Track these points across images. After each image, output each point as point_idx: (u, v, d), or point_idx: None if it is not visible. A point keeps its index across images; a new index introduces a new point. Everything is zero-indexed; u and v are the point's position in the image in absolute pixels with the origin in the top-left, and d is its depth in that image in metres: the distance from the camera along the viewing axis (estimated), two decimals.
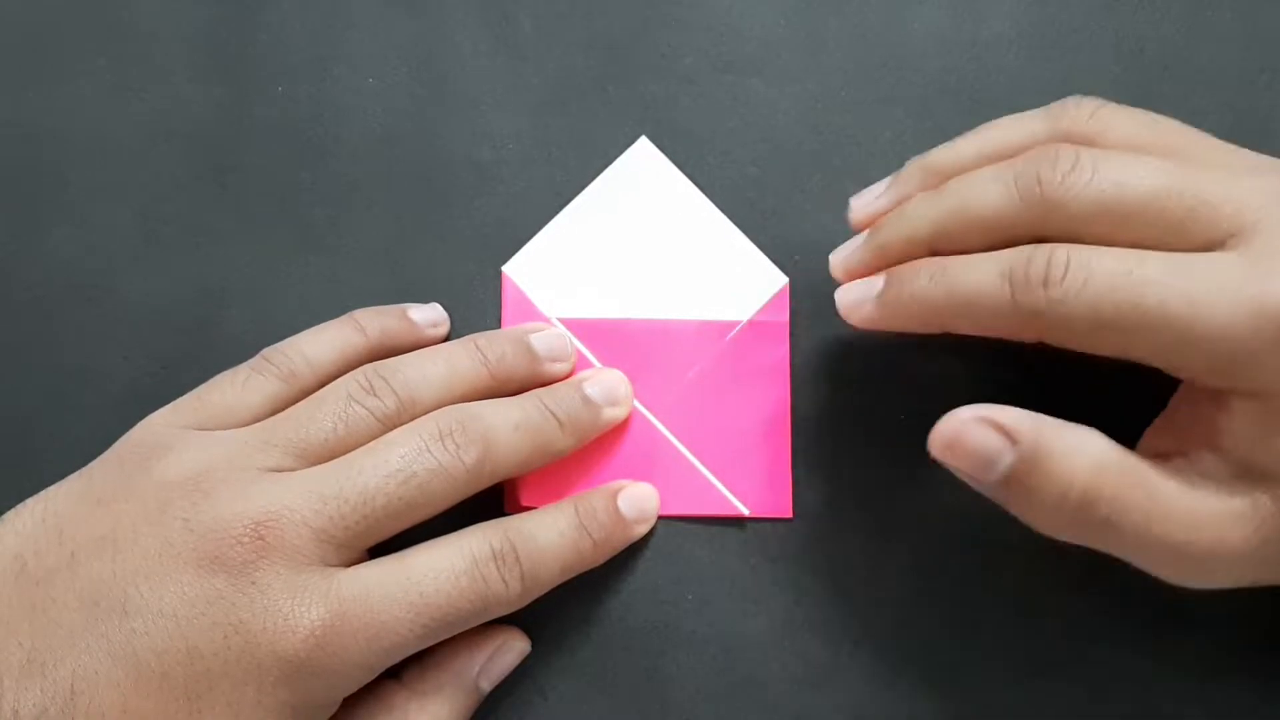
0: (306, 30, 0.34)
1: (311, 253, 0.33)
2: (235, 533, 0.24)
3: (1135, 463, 0.24)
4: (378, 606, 0.25)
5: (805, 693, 0.30)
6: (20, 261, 0.33)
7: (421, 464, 0.26)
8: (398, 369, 0.28)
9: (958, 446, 0.24)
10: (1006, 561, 0.29)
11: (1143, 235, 0.24)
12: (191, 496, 0.25)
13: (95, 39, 0.34)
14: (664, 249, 0.33)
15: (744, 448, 0.31)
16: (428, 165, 0.33)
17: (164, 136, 0.33)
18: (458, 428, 0.27)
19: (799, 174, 0.33)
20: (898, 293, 0.27)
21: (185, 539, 0.24)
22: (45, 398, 0.32)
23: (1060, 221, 0.25)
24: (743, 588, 0.31)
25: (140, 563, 0.24)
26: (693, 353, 0.32)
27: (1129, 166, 0.24)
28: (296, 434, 0.27)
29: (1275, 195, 0.24)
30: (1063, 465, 0.23)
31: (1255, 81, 0.34)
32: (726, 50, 0.34)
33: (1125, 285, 0.23)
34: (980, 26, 0.34)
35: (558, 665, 0.30)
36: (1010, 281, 0.24)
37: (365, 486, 0.26)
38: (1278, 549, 0.23)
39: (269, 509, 0.25)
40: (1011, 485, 0.24)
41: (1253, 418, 0.24)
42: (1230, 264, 0.23)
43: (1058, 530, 0.25)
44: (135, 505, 0.25)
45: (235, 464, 0.26)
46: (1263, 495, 0.23)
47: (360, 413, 0.27)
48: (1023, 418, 0.24)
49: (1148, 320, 0.23)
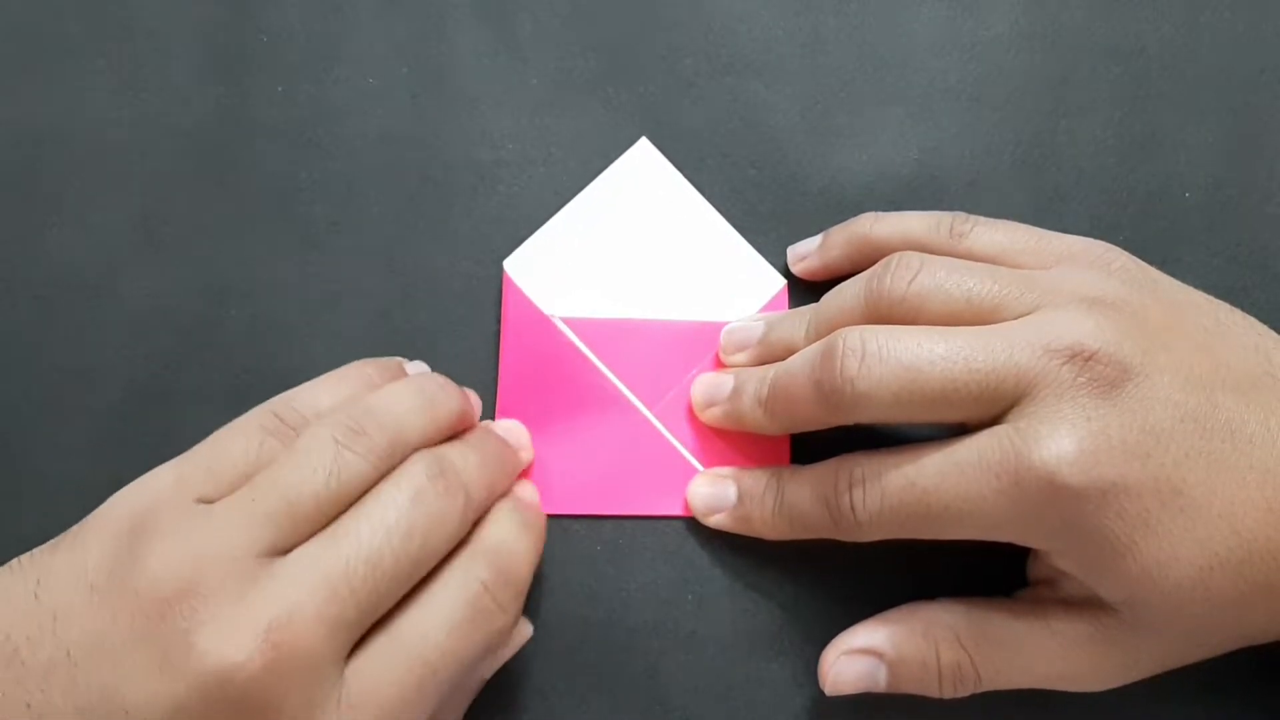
0: (306, 30, 0.34)
1: (311, 253, 0.33)
2: (247, 648, 0.22)
3: (982, 620, 0.27)
4: (387, 695, 0.24)
5: (805, 693, 0.30)
6: (20, 261, 0.33)
7: (421, 512, 0.25)
8: (373, 407, 0.26)
9: (841, 684, 0.28)
10: (1007, 562, 0.29)
11: (939, 416, 0.26)
12: (190, 602, 0.23)
13: (95, 39, 0.34)
14: (663, 250, 0.33)
15: (743, 448, 0.31)
16: (428, 165, 0.33)
17: (164, 136, 0.33)
18: (437, 470, 0.26)
19: (799, 175, 0.33)
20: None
21: (187, 656, 0.22)
22: (45, 398, 0.32)
23: (861, 415, 0.27)
24: (743, 588, 0.31)
25: (142, 678, 0.22)
26: (692, 353, 0.32)
27: (922, 352, 0.26)
28: (286, 498, 0.24)
29: (1046, 346, 0.25)
30: (924, 654, 0.27)
31: (1255, 81, 0.34)
32: (726, 51, 0.34)
33: (911, 498, 0.26)
34: (980, 26, 0.34)
35: (558, 665, 0.30)
36: (826, 506, 0.27)
37: (370, 551, 0.24)
38: (1139, 660, 0.26)
39: (277, 615, 0.23)
40: (896, 685, 0.28)
41: (1066, 563, 0.26)
42: (997, 443, 0.25)
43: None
44: (130, 604, 0.23)
45: (228, 555, 0.24)
46: (1108, 619, 0.26)
47: (350, 458, 0.25)
48: (874, 632, 0.28)
49: (940, 518, 0.26)
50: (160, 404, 0.32)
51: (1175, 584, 0.24)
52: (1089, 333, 0.25)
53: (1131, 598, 0.25)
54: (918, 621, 0.28)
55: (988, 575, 0.29)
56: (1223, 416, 0.25)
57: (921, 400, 0.25)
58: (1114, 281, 0.27)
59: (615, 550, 0.31)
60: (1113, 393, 0.24)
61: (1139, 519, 0.24)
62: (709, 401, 0.31)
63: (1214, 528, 0.24)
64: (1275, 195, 0.33)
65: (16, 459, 0.31)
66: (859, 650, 0.28)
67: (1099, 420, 0.24)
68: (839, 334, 0.26)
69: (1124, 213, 0.33)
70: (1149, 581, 0.24)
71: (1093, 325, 0.25)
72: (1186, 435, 0.24)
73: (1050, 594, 0.28)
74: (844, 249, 0.31)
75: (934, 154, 0.33)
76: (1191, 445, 0.24)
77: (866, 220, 0.31)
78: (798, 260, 0.32)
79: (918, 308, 0.27)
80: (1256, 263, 0.33)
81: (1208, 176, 0.33)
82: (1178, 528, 0.24)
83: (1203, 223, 0.33)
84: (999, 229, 0.29)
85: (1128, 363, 0.25)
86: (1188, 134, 0.34)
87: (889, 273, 0.27)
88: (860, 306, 0.28)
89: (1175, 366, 0.25)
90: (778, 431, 0.30)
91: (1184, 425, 0.24)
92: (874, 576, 0.30)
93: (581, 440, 0.31)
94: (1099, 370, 0.24)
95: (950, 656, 0.27)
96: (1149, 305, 0.26)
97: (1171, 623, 0.25)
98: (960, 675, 0.27)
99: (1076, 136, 0.34)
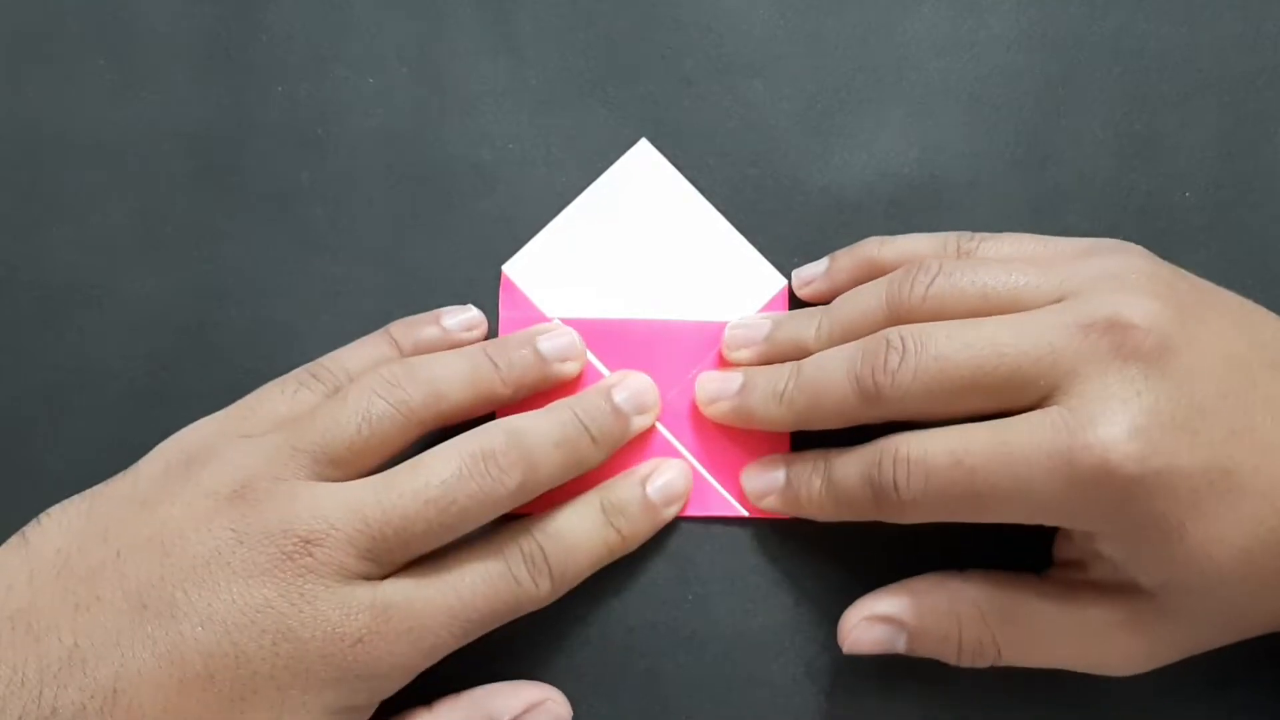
0: (306, 30, 0.34)
1: (311, 253, 0.33)
2: (285, 548, 0.25)
3: (1008, 599, 0.27)
4: (419, 611, 0.26)
5: (805, 693, 0.30)
6: (20, 261, 0.33)
7: (463, 490, 0.26)
8: (418, 364, 0.28)
9: (860, 647, 0.28)
10: (1008, 562, 0.29)
11: (973, 406, 0.26)
12: (239, 507, 0.25)
13: (95, 39, 0.34)
14: (663, 250, 0.33)
15: (743, 448, 0.31)
16: (428, 165, 0.33)
17: (164, 136, 0.33)
18: (502, 448, 0.27)
19: (799, 175, 0.33)
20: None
21: (234, 549, 0.25)
22: (45, 398, 0.32)
23: (895, 411, 0.27)
24: (743, 588, 0.31)
25: (189, 568, 0.25)
26: (692, 353, 0.32)
27: (951, 342, 0.26)
28: (324, 438, 0.27)
29: (1080, 323, 0.25)
30: (946, 628, 0.27)
31: (1255, 81, 0.34)
32: (726, 51, 0.34)
33: (959, 477, 0.25)
34: (980, 26, 0.34)
35: (558, 665, 0.30)
36: (870, 485, 0.27)
37: (406, 512, 0.26)
38: (1168, 645, 0.26)
39: (315, 527, 0.25)
40: (915, 651, 0.28)
41: (1110, 546, 0.26)
42: (1046, 424, 0.24)
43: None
44: (182, 510, 0.26)
45: (276, 474, 0.26)
46: (1141, 603, 0.26)
47: (383, 407, 0.27)
48: (900, 601, 0.28)
49: (987, 499, 0.25)
50: (160, 404, 0.32)
51: (1217, 565, 0.24)
52: (1124, 304, 0.25)
53: (1170, 581, 0.25)
54: (943, 594, 0.28)
55: (1008, 559, 0.29)
56: (1262, 393, 0.24)
57: (952, 389, 0.25)
58: (1138, 260, 0.27)
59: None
60: (1157, 365, 0.24)
61: (1189, 500, 0.24)
62: (716, 396, 0.31)
63: (1256, 506, 0.24)
64: (1275, 195, 0.33)
65: (17, 459, 0.32)
66: (880, 617, 0.28)
67: (1149, 395, 0.24)
68: (884, 332, 0.27)
69: (1124, 213, 0.33)
70: (1193, 563, 0.24)
71: (1127, 297, 0.25)
72: (1230, 412, 0.24)
73: (1080, 575, 0.27)
74: (851, 273, 0.31)
75: (934, 154, 0.33)
76: (1236, 422, 0.24)
77: (873, 244, 0.31)
78: (804, 284, 0.32)
79: (938, 308, 0.27)
80: (1256, 263, 0.33)
81: (1208, 176, 0.33)
82: (1224, 508, 0.24)
83: (1203, 223, 0.33)
84: (1005, 241, 0.29)
85: (1168, 333, 0.24)
86: (1188, 134, 0.34)
87: (909, 277, 0.28)
88: (882, 309, 0.28)
89: (1213, 341, 0.25)
90: (789, 427, 0.30)
91: (1226, 401, 0.24)
92: (876, 576, 0.30)
93: None
94: (1140, 340, 0.24)
95: (973, 633, 0.27)
96: (1177, 283, 0.26)
97: (1205, 605, 0.25)
98: (980, 650, 0.27)
99: (1076, 136, 0.33)
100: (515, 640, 0.30)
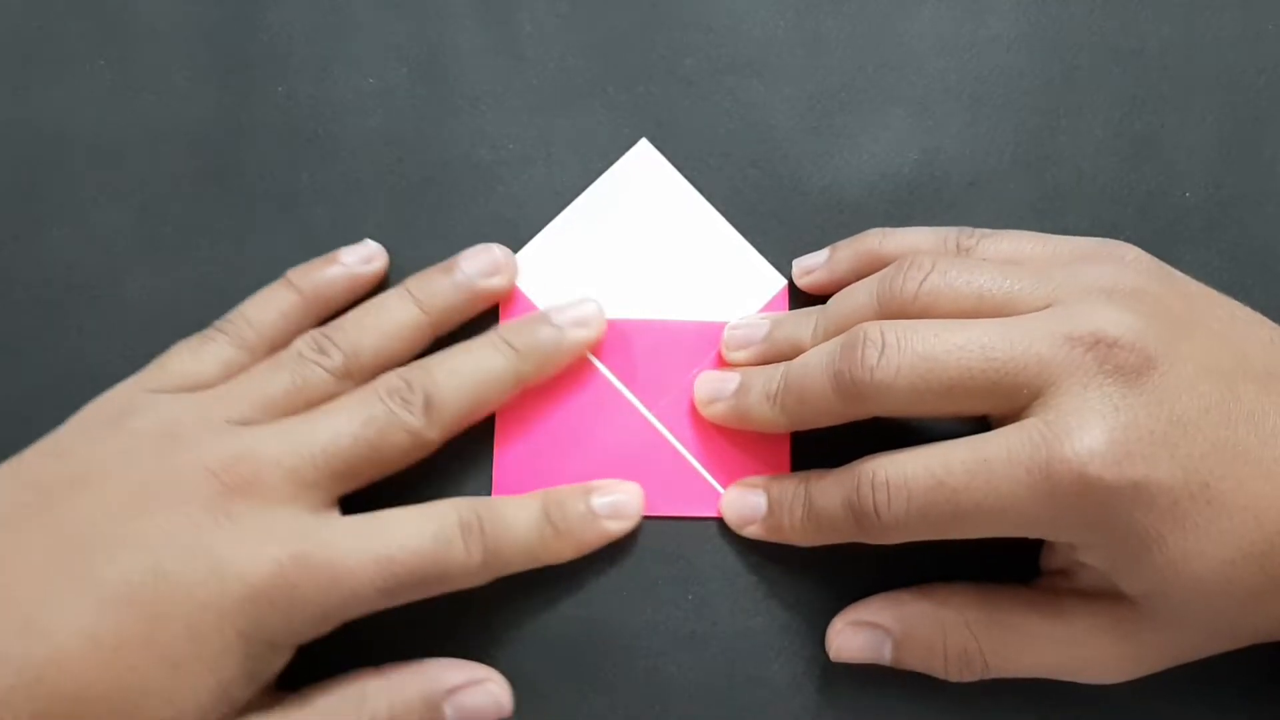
0: (306, 30, 0.34)
1: (311, 253, 0.33)
2: (212, 467, 0.26)
3: (993, 606, 0.28)
4: (343, 551, 0.26)
5: (805, 693, 0.30)
6: (20, 261, 0.33)
7: (378, 410, 0.28)
8: (340, 327, 0.30)
9: (845, 653, 0.29)
10: (1008, 562, 0.29)
11: (960, 407, 0.26)
12: (163, 442, 0.27)
13: (95, 39, 0.34)
14: (663, 250, 0.33)
15: (743, 448, 0.31)
16: (428, 165, 0.33)
17: (164, 136, 0.33)
18: (402, 385, 0.28)
19: (799, 175, 0.33)
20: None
21: (161, 478, 0.26)
22: (45, 398, 0.32)
23: (879, 408, 0.27)
24: (743, 588, 0.31)
25: (116, 499, 0.26)
26: (692, 353, 0.32)
27: (940, 342, 0.26)
28: (259, 390, 0.28)
29: (1067, 335, 0.25)
30: (931, 638, 0.28)
31: (1255, 81, 0.34)
32: (726, 51, 0.34)
33: (941, 498, 0.25)
34: (980, 26, 0.34)
35: (557, 665, 0.30)
36: (851, 510, 0.27)
37: (331, 430, 0.27)
38: (1154, 653, 0.27)
39: (241, 450, 0.26)
40: (901, 661, 0.28)
41: (1093, 556, 0.26)
42: (1024, 439, 0.24)
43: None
44: (107, 450, 0.27)
45: (203, 416, 0.27)
46: (1125, 611, 0.26)
47: (315, 370, 0.28)
48: (886, 608, 0.28)
49: (969, 517, 0.25)
50: None
51: (1198, 577, 0.24)
52: (1110, 320, 0.25)
53: (1152, 590, 0.25)
54: (928, 603, 0.28)
55: (997, 566, 0.29)
56: (1245, 407, 0.25)
57: (938, 390, 0.25)
58: (1130, 273, 0.27)
59: (615, 550, 0.31)
60: (1138, 381, 0.24)
61: (1168, 512, 0.24)
62: (713, 397, 0.31)
63: (1238, 520, 0.24)
64: (1275, 195, 0.33)
65: None
66: (866, 623, 0.28)
67: (1127, 411, 0.24)
68: (859, 328, 0.27)
69: (1124, 213, 0.33)
70: (1173, 574, 0.24)
71: (1113, 313, 0.25)
72: (1211, 426, 0.24)
73: (1065, 584, 0.28)
74: (852, 264, 0.31)
75: (934, 154, 0.33)
76: (1217, 436, 0.24)
77: (874, 236, 0.31)
78: (804, 274, 0.32)
79: (929, 306, 0.27)
80: (1256, 263, 0.33)
81: (1208, 176, 0.33)
82: (1204, 520, 0.24)
83: (1203, 223, 0.33)
84: (1005, 239, 0.29)
85: (1150, 351, 0.24)
86: (1188, 134, 0.34)
87: (901, 273, 0.27)
88: (873, 305, 0.28)
89: (1197, 356, 0.25)
90: (785, 428, 0.30)
91: (1208, 416, 0.24)
92: (877, 576, 0.30)
93: (582, 441, 0.31)
94: (1122, 358, 0.24)
95: (958, 642, 0.27)
96: (1167, 295, 0.26)
97: (1189, 615, 0.25)
98: (966, 661, 0.28)
99: (1076, 136, 0.34)
100: (515, 640, 0.30)
